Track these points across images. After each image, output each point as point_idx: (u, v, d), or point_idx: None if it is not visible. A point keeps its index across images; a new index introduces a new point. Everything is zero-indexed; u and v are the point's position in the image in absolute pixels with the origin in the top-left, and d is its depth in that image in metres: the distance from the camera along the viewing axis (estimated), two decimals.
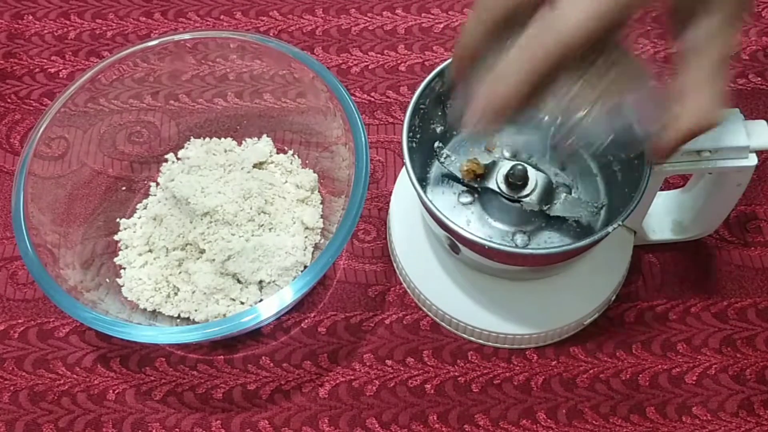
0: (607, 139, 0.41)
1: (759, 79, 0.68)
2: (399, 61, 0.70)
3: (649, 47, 0.70)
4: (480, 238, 0.47)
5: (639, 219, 0.55)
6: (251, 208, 0.57)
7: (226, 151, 0.62)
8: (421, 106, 0.51)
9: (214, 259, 0.55)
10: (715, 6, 0.38)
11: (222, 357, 0.56)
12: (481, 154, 0.56)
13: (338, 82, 0.55)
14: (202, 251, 0.56)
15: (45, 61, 0.70)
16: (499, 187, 0.52)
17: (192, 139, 0.63)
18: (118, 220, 0.60)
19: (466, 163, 0.53)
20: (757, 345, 0.56)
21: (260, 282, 0.56)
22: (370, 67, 0.69)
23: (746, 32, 0.71)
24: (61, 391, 0.55)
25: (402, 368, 0.55)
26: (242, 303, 0.55)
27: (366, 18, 0.73)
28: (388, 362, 0.56)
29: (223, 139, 0.63)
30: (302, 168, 0.62)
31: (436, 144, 0.55)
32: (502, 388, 0.55)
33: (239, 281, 0.56)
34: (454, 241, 0.50)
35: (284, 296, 0.49)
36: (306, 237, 0.58)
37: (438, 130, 0.55)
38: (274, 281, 0.56)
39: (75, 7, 0.74)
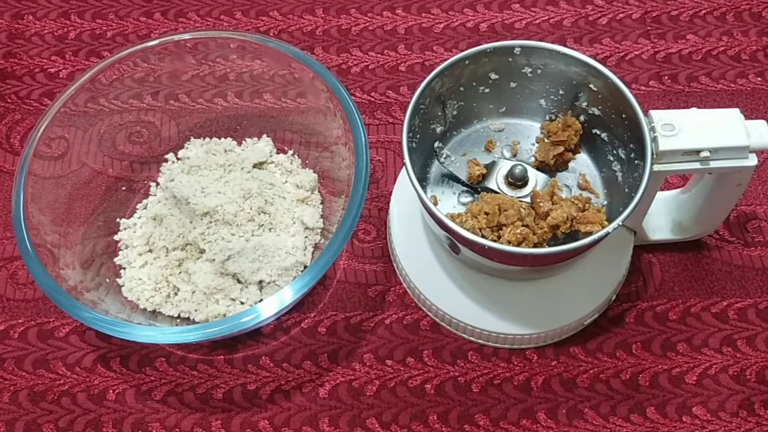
0: None
1: (759, 79, 0.68)
2: (399, 61, 0.70)
3: (649, 47, 0.70)
4: (480, 238, 0.47)
5: (639, 219, 0.55)
6: (251, 208, 0.57)
7: (226, 151, 0.62)
8: (421, 106, 0.51)
9: (214, 259, 0.55)
10: None
11: (222, 357, 0.56)
12: (481, 154, 0.56)
13: (338, 82, 0.55)
14: (202, 251, 0.56)
15: (45, 61, 0.70)
16: (499, 187, 0.52)
17: (192, 139, 0.63)
18: (118, 220, 0.60)
19: (473, 166, 0.53)
20: (757, 345, 0.56)
21: (260, 282, 0.56)
22: (370, 67, 0.69)
23: (746, 32, 0.71)
24: (61, 391, 0.55)
25: (402, 368, 0.55)
26: (242, 303, 0.55)
27: (366, 18, 0.73)
28: (388, 362, 0.56)
29: (223, 139, 0.63)
30: (302, 168, 0.62)
31: (436, 144, 0.55)
32: (502, 388, 0.55)
33: (239, 281, 0.56)
34: (454, 241, 0.50)
35: (284, 296, 0.49)
36: (306, 237, 0.58)
37: (438, 130, 0.55)
38: (274, 281, 0.56)
39: (75, 7, 0.74)
